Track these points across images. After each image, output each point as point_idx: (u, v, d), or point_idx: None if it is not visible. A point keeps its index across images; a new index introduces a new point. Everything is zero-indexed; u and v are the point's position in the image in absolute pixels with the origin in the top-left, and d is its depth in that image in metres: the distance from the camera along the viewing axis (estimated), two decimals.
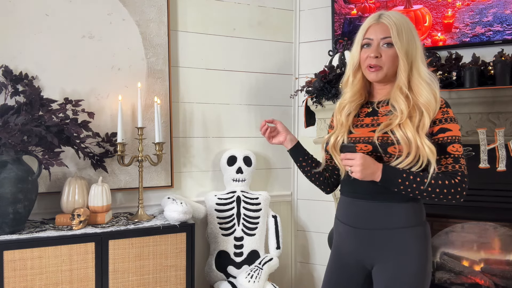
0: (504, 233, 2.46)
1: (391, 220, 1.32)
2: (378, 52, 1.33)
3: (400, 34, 1.30)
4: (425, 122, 1.27)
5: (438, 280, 2.56)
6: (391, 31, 1.30)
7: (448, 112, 1.31)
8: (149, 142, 2.25)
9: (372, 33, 1.35)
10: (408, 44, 1.31)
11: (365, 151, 1.33)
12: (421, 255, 1.31)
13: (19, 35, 2.04)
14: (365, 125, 1.39)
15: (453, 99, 2.15)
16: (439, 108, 1.30)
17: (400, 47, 1.30)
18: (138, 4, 2.27)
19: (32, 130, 1.75)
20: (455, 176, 1.26)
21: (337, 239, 1.48)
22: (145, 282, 1.97)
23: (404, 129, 1.27)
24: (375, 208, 1.34)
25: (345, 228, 1.42)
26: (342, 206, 1.45)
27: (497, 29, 2.11)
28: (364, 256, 1.37)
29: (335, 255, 1.49)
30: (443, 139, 1.29)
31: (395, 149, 1.28)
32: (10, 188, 1.76)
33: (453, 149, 1.28)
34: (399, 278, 1.30)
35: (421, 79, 1.32)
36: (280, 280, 2.65)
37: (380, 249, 1.33)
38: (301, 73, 2.65)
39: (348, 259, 1.43)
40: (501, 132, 2.03)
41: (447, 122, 1.30)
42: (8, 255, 1.74)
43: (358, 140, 1.37)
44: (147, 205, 2.29)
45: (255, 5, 2.60)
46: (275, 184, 2.70)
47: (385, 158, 1.31)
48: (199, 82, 2.47)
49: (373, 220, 1.34)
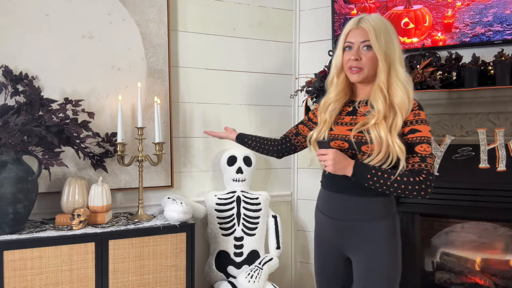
0: (504, 233, 2.46)
1: (365, 212, 1.45)
2: (358, 55, 1.43)
3: (379, 38, 1.40)
4: (398, 122, 1.38)
5: (438, 280, 2.56)
6: (370, 34, 1.40)
7: (420, 114, 1.41)
8: (149, 142, 2.25)
9: (352, 36, 1.44)
10: (386, 47, 1.40)
11: (342, 148, 1.45)
12: (391, 243, 1.46)
13: (19, 35, 2.04)
14: (344, 123, 1.50)
15: (453, 99, 2.15)
16: (412, 110, 1.40)
17: (379, 49, 1.40)
18: (138, 4, 2.27)
19: (32, 130, 1.75)
20: (420, 174, 1.35)
21: (318, 227, 1.63)
22: (145, 282, 1.97)
23: (378, 128, 1.37)
24: (350, 201, 1.47)
25: (324, 218, 1.56)
26: (322, 198, 1.59)
27: (497, 29, 2.11)
28: (342, 244, 1.51)
29: (317, 243, 1.64)
30: (412, 139, 1.39)
31: (368, 148, 1.40)
32: (10, 188, 1.76)
33: (421, 149, 1.37)
34: (372, 265, 1.45)
35: (398, 80, 1.41)
36: (280, 280, 2.65)
37: (356, 239, 1.45)
38: (301, 73, 2.65)
39: (327, 246, 1.58)
40: (501, 132, 2.03)
41: (417, 124, 1.39)
42: (8, 255, 1.74)
43: (337, 137, 1.48)
44: (147, 205, 2.29)
45: (255, 5, 2.60)
46: (275, 184, 2.70)
47: (359, 156, 1.43)
48: (199, 82, 2.47)
49: (349, 212, 1.47)
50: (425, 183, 1.34)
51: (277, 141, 1.81)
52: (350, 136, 1.42)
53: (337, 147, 1.46)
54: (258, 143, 1.84)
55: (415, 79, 2.12)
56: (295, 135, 1.76)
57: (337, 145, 1.47)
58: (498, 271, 2.46)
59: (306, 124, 1.72)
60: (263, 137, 1.85)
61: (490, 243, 2.50)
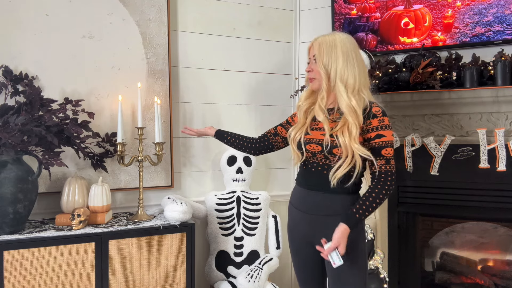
0: (504, 233, 2.46)
1: (335, 208, 1.59)
2: (310, 67, 1.65)
3: (321, 50, 1.59)
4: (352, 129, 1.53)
5: (438, 280, 2.56)
6: (314, 48, 1.63)
7: (384, 120, 1.56)
8: (149, 142, 2.25)
9: (308, 52, 1.69)
10: (327, 58, 1.58)
11: (316, 151, 1.61)
12: (360, 233, 1.62)
13: (19, 35, 2.04)
14: (318, 128, 1.64)
15: (453, 99, 2.16)
16: (376, 116, 1.55)
17: (319, 60, 1.59)
18: (138, 4, 2.27)
19: (32, 130, 1.75)
20: (387, 178, 1.54)
21: (291, 223, 1.74)
22: (145, 282, 1.97)
23: (343, 134, 1.53)
24: (325, 198, 1.61)
25: (299, 214, 1.69)
26: (297, 195, 1.72)
27: (497, 29, 2.11)
28: (316, 238, 1.58)
29: (291, 238, 1.76)
30: (378, 144, 1.55)
31: (338, 151, 1.54)
32: (10, 188, 1.76)
33: (386, 152, 1.54)
34: None
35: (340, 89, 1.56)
36: (280, 280, 2.65)
37: (329, 232, 1.54)
38: (301, 73, 2.65)
39: (301, 241, 1.70)
40: (501, 132, 2.03)
41: (382, 129, 1.55)
42: (8, 255, 1.74)
43: (311, 141, 1.63)
44: (147, 205, 2.29)
45: (255, 5, 2.60)
46: (275, 184, 2.70)
47: (330, 158, 1.57)
48: (199, 82, 2.47)
49: (324, 207, 1.61)
50: (391, 184, 1.54)
51: (255, 139, 1.91)
52: (324, 141, 1.57)
53: (312, 150, 1.62)
54: (236, 139, 1.92)
55: (415, 79, 2.12)
56: (273, 135, 1.87)
57: (312, 148, 1.62)
58: (498, 271, 2.46)
59: (285, 127, 1.84)
60: (242, 135, 1.94)
61: (490, 243, 2.50)
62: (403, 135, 2.30)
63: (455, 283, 2.51)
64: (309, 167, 1.65)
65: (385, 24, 2.37)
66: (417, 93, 2.19)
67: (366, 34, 2.41)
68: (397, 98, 2.24)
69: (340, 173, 1.54)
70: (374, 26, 2.39)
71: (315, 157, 1.62)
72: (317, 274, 1.72)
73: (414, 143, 2.24)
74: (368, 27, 2.41)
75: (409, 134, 2.26)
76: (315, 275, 1.73)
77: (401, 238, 2.48)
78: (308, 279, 1.75)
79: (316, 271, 1.72)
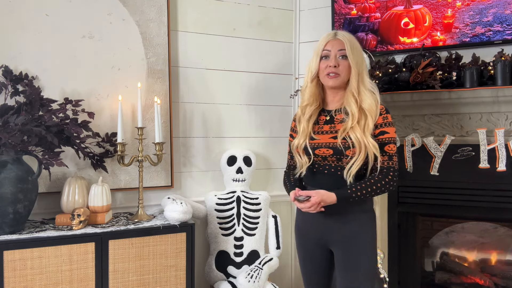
0: (504, 233, 2.46)
1: (348, 208, 1.62)
2: (337, 62, 1.63)
3: (353, 49, 1.62)
4: (369, 123, 1.59)
5: (438, 280, 2.56)
6: (346, 45, 1.62)
7: (388, 117, 1.63)
8: (149, 142, 2.25)
9: (330, 46, 1.65)
10: (358, 58, 1.63)
11: (327, 155, 1.63)
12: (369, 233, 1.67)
13: (19, 35, 2.04)
14: (325, 132, 1.67)
15: (453, 99, 2.16)
16: (380, 114, 1.61)
17: (352, 59, 1.61)
18: (138, 4, 2.27)
19: (32, 130, 1.75)
20: (388, 172, 1.59)
21: (302, 227, 1.76)
22: (145, 282, 1.97)
23: (355, 131, 1.57)
24: None
25: (312, 216, 1.68)
26: None
27: (497, 29, 2.11)
28: (327, 236, 1.66)
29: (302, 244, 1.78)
30: (382, 140, 1.61)
31: (350, 151, 1.58)
32: (10, 188, 1.76)
33: (389, 149, 1.61)
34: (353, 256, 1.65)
35: (365, 88, 1.63)
36: (280, 280, 2.65)
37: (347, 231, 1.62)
38: (301, 73, 2.65)
39: (315, 245, 1.72)
40: (501, 132, 2.03)
41: (386, 126, 1.62)
42: (8, 255, 1.74)
43: (321, 145, 1.65)
44: (147, 205, 2.29)
45: (255, 5, 2.60)
46: (275, 184, 2.70)
47: (344, 160, 1.61)
48: (199, 82, 2.47)
49: (341, 207, 1.59)
50: (392, 179, 1.59)
51: (295, 174, 1.82)
52: (337, 143, 1.60)
53: (322, 154, 1.64)
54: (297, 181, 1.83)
55: (415, 79, 2.12)
56: (292, 160, 1.87)
57: (322, 152, 1.64)
58: (498, 271, 2.46)
59: None
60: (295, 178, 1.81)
61: (490, 243, 2.50)
62: (403, 135, 2.30)
63: (455, 283, 2.51)
64: (320, 170, 1.67)
65: (385, 24, 2.37)
66: (417, 93, 2.19)
67: (366, 34, 2.41)
68: (397, 98, 2.25)
69: (355, 169, 1.58)
70: (374, 26, 2.39)
71: (326, 160, 1.65)
72: (325, 278, 1.77)
73: (414, 143, 2.24)
74: (368, 27, 2.41)
75: (409, 134, 2.26)
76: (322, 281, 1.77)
77: (401, 238, 2.48)
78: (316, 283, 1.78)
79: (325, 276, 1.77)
